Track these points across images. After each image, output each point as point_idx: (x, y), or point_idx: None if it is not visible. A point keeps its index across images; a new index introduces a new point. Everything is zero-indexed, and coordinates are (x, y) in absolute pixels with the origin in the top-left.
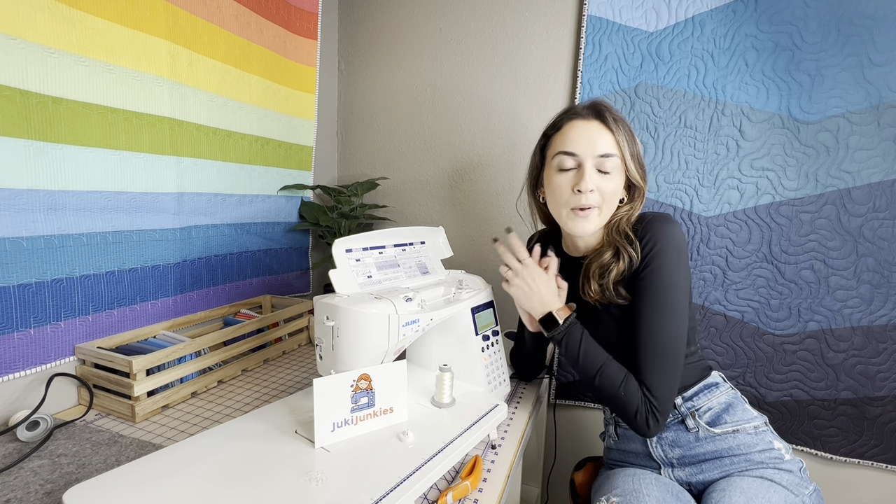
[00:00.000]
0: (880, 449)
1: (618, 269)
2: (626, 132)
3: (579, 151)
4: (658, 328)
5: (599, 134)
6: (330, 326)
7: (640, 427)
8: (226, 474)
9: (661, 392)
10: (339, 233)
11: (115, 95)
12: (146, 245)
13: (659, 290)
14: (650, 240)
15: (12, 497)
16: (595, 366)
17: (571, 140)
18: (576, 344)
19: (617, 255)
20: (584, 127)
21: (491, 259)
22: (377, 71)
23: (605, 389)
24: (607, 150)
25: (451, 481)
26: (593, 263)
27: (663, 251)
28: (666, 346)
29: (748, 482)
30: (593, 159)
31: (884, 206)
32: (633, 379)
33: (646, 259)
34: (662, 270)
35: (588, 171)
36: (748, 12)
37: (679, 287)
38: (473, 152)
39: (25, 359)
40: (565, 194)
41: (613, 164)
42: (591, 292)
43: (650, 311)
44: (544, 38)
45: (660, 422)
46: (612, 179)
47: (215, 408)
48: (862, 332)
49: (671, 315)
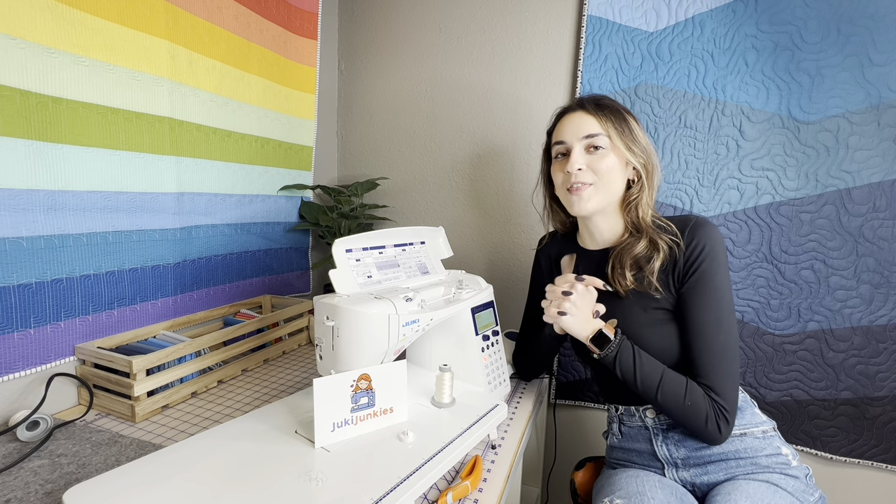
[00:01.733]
0: (880, 449)
1: (660, 258)
2: (613, 115)
3: (566, 138)
4: (718, 330)
5: (582, 119)
6: (330, 326)
7: (712, 434)
8: (226, 474)
9: (728, 393)
10: (339, 233)
11: (115, 95)
12: (146, 245)
13: (713, 290)
14: (700, 242)
15: (12, 497)
16: (655, 379)
17: (561, 131)
18: (630, 359)
19: (653, 244)
20: (570, 118)
21: (491, 259)
22: (377, 71)
23: (670, 403)
24: (590, 130)
25: (451, 481)
26: (625, 255)
27: (714, 254)
28: (728, 345)
29: (754, 486)
30: (580, 141)
31: (884, 206)
32: (694, 385)
33: (697, 261)
34: (716, 272)
35: (575, 151)
36: (748, 12)
37: (728, 288)
38: (473, 152)
39: (25, 359)
40: (560, 178)
41: (602, 141)
42: (626, 282)
43: (708, 314)
44: (544, 38)
45: (730, 424)
46: (605, 156)
47: (215, 408)
48: (862, 332)
49: (727, 315)
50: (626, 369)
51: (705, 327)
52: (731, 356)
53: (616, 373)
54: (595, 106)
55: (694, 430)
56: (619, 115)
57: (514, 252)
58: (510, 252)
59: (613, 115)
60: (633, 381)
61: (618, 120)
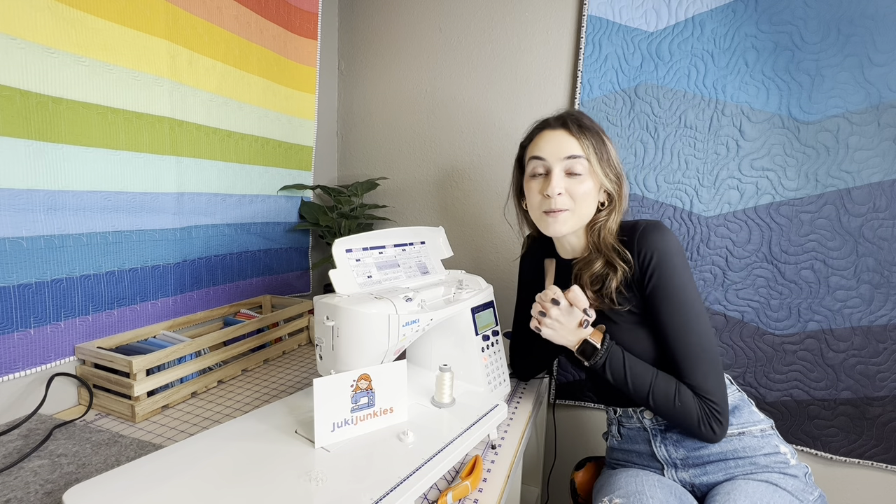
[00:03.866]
0: (880, 449)
1: (616, 278)
2: (594, 137)
3: (546, 155)
4: (688, 331)
5: (565, 140)
6: (330, 326)
7: (706, 433)
8: (226, 474)
9: (713, 391)
10: (339, 233)
11: (115, 95)
12: (146, 245)
13: (673, 295)
14: (648, 250)
15: (12, 497)
16: (646, 384)
17: (540, 147)
18: (620, 364)
19: (609, 265)
20: (551, 135)
21: (491, 259)
22: (377, 71)
23: (662, 406)
24: (572, 151)
25: (451, 481)
26: (584, 272)
27: (665, 258)
28: (702, 344)
29: (753, 486)
30: (560, 162)
31: (884, 206)
32: (684, 387)
33: (649, 270)
34: (671, 276)
35: (555, 175)
36: (748, 12)
37: (690, 287)
38: (473, 152)
39: (25, 359)
40: (537, 199)
41: (582, 166)
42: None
43: (674, 318)
44: (544, 38)
45: (723, 424)
46: (583, 182)
47: (215, 408)
48: (862, 332)
49: (694, 315)
50: (616, 375)
51: (675, 331)
52: (708, 355)
53: (608, 379)
54: (578, 126)
55: (689, 431)
56: (599, 139)
57: (514, 252)
58: (510, 252)
59: (594, 137)
60: (625, 386)
61: (598, 143)
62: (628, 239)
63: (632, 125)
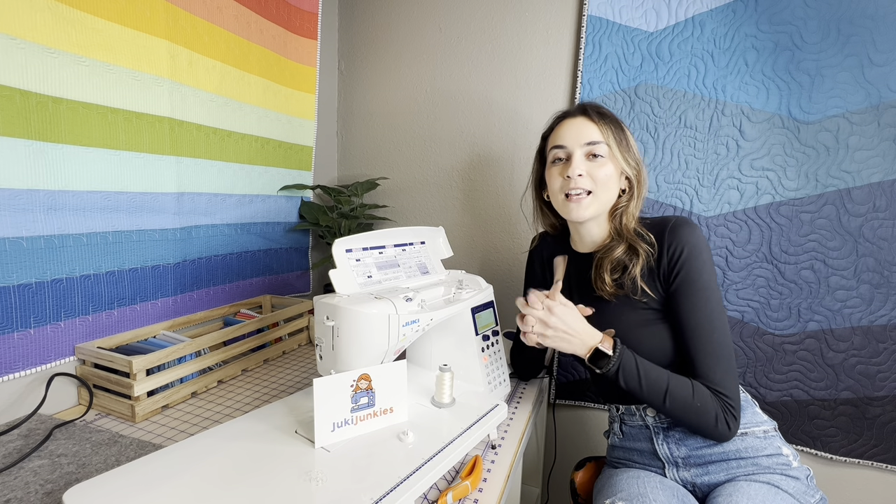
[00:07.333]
0: (880, 449)
1: (639, 264)
2: (613, 124)
3: (567, 143)
4: (711, 328)
5: (585, 126)
6: (330, 326)
7: (722, 431)
8: (226, 474)
9: (730, 389)
10: (339, 233)
11: (115, 95)
12: (146, 245)
13: (700, 290)
14: (679, 245)
15: (12, 497)
16: (661, 388)
17: (561, 135)
18: (633, 371)
19: (632, 250)
20: (571, 122)
21: (491, 259)
22: (377, 71)
23: (678, 409)
24: (592, 137)
25: (451, 481)
26: (605, 259)
27: (695, 252)
28: (723, 342)
29: (755, 488)
30: (581, 148)
31: (884, 206)
32: (700, 385)
33: (678, 264)
34: (700, 271)
35: (576, 157)
36: (748, 12)
37: (714, 285)
38: (473, 152)
39: (25, 359)
40: (558, 182)
41: (602, 150)
42: (606, 286)
43: (697, 313)
44: (544, 38)
45: (737, 420)
46: (604, 165)
47: (215, 408)
48: (862, 332)
49: (717, 312)
50: (630, 382)
51: (698, 327)
52: (728, 353)
53: (620, 385)
54: (597, 114)
55: (703, 430)
56: (618, 125)
57: (514, 252)
58: (510, 252)
59: (613, 124)
60: (639, 391)
61: (617, 130)
62: (658, 233)
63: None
